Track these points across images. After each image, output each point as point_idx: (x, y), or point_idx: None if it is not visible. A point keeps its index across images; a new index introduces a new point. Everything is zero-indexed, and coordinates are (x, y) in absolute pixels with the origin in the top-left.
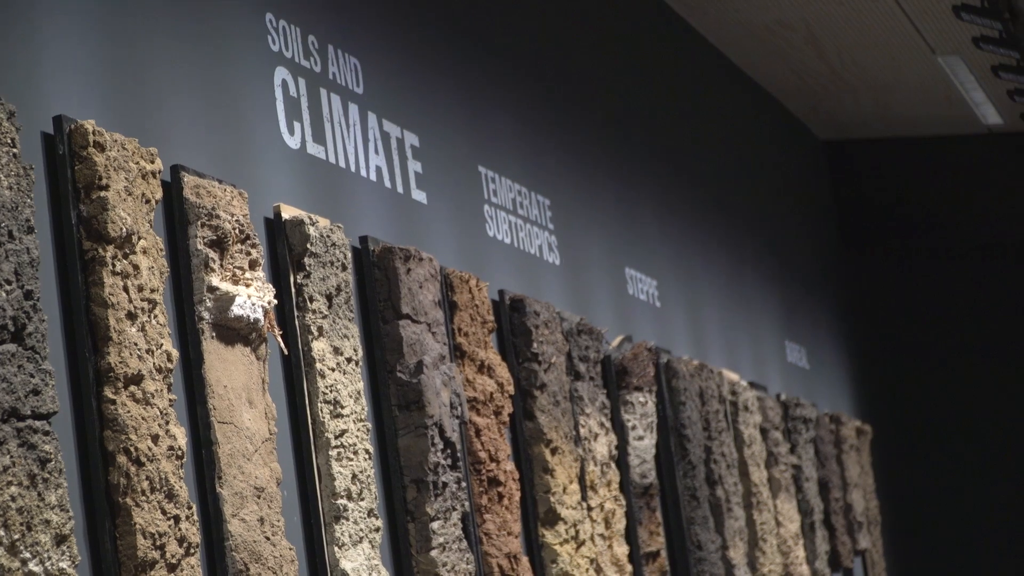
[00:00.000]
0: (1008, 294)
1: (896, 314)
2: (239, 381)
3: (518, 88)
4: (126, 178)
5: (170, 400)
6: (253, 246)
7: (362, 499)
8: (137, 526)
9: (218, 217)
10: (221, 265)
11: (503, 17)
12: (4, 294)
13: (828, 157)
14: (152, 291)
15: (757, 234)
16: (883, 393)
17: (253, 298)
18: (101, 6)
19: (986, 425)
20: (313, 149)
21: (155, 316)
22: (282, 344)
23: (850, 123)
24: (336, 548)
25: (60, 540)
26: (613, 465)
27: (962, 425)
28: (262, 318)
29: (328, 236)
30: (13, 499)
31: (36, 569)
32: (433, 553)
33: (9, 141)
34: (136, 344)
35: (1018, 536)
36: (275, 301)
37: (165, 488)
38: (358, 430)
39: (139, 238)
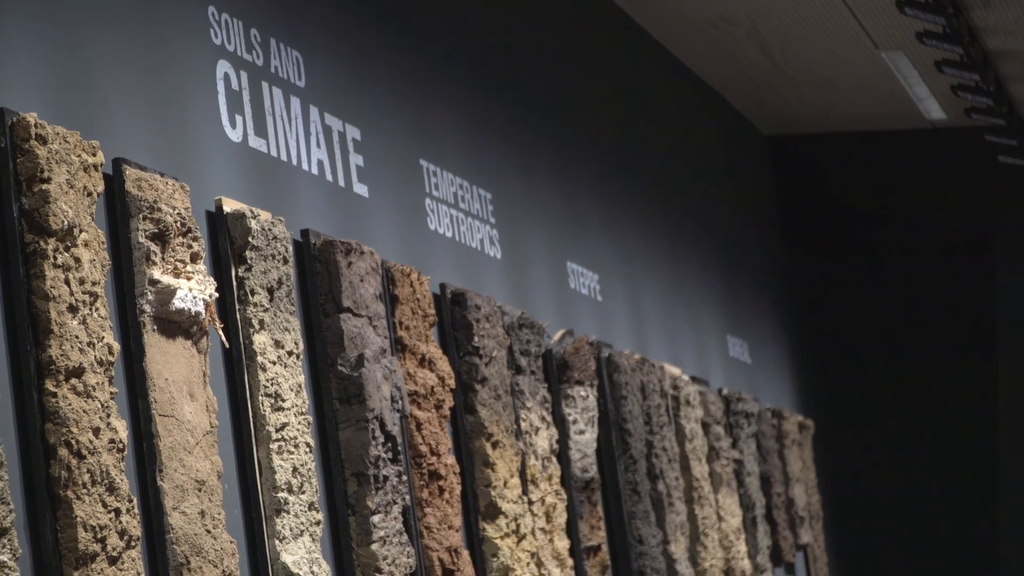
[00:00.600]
0: (950, 290)
1: (839, 309)
2: (180, 374)
3: (460, 82)
4: (68, 171)
5: (111, 393)
6: (195, 239)
7: (303, 492)
8: (78, 519)
9: (160, 210)
10: (162, 258)
11: (445, 11)
12: None
13: (771, 152)
14: (93, 284)
15: (700, 229)
16: (825, 388)
17: (194, 291)
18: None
19: (928, 420)
20: (255, 142)
21: (96, 309)
22: (223, 337)
23: (793, 118)
24: (277, 541)
25: (1, 533)
26: (554, 459)
27: (904, 420)
28: (203, 311)
29: (269, 229)
30: None
31: None
32: (374, 547)
33: None
34: (77, 337)
35: (958, 530)
36: (216, 294)
37: (106, 481)
38: (299, 423)
39: (81, 231)
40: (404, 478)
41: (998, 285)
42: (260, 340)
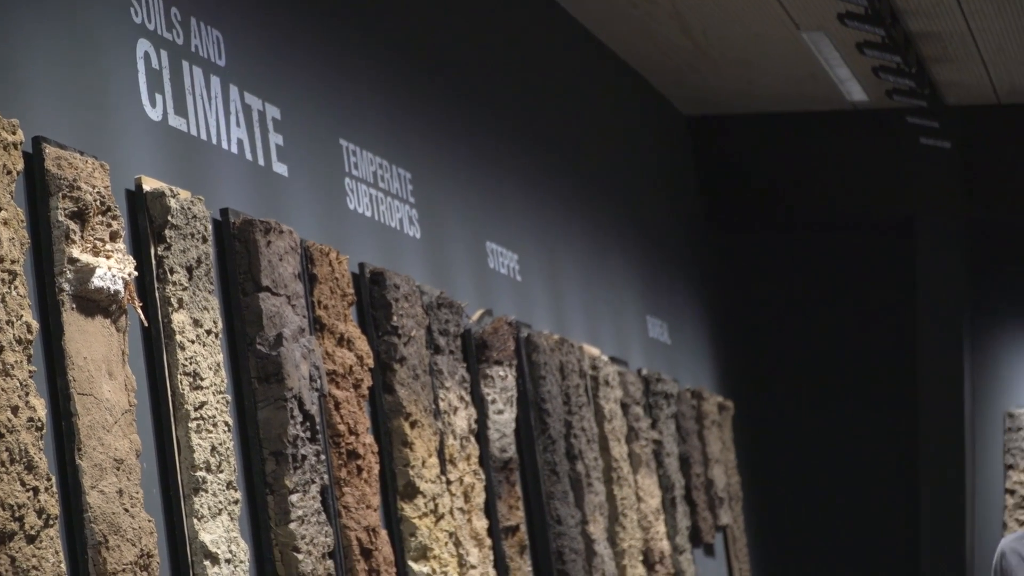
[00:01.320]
0: (871, 270)
1: (760, 289)
2: (99, 353)
3: (380, 61)
4: None
5: (30, 371)
6: (114, 218)
7: (221, 471)
8: None
9: (79, 189)
10: (82, 237)
11: None
12: None
13: (692, 133)
14: (12, 262)
15: (620, 209)
16: (745, 369)
17: (113, 270)
18: None
19: (847, 400)
20: (175, 121)
21: (15, 288)
22: (142, 316)
23: (714, 99)
24: (195, 520)
25: None
26: (472, 439)
27: (824, 401)
28: (122, 290)
29: (189, 208)
30: None
31: None
32: (292, 526)
33: None
34: None
35: (878, 510)
36: (135, 273)
37: (24, 459)
38: (217, 402)
39: (0, 209)
40: (322, 457)
41: (918, 266)
42: (179, 319)
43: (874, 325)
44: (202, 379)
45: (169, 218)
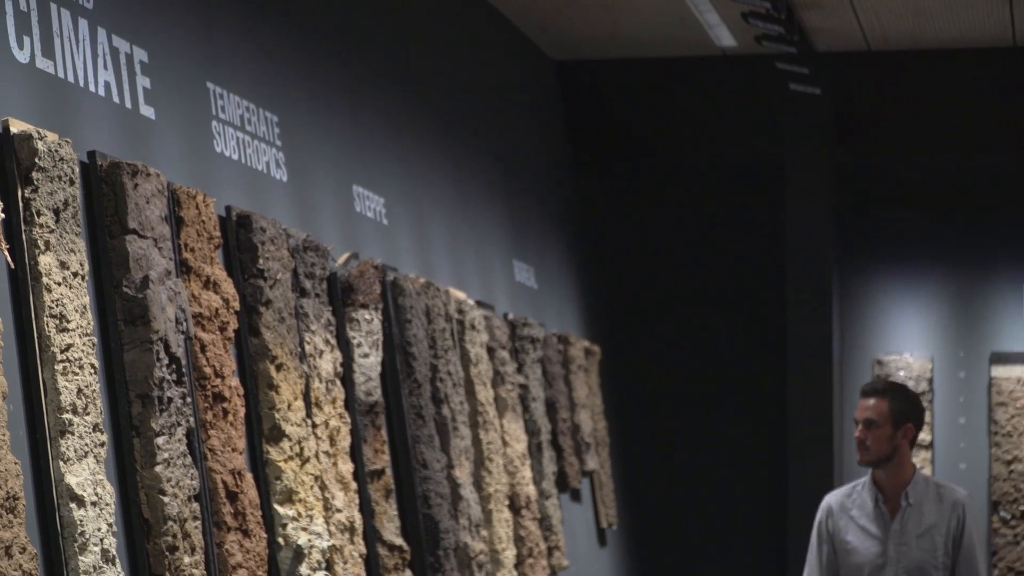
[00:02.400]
0: (740, 217)
1: (627, 235)
2: None
3: (247, 4)
4: None
5: None
6: None
7: (87, 414)
8: None
9: None
10: None
11: None
12: None
13: (560, 77)
14: None
15: (486, 154)
16: (613, 314)
17: None
18: None
19: (715, 346)
20: (42, 64)
21: None
22: (8, 258)
23: (582, 43)
24: (61, 463)
25: None
26: (338, 382)
27: (692, 348)
28: None
29: (56, 151)
30: None
31: None
32: (158, 468)
33: None
34: None
35: (744, 457)
36: (2, 215)
37: None
38: (84, 344)
39: None
40: (188, 400)
41: (787, 212)
42: (45, 261)
43: (743, 271)
44: (68, 321)
45: (36, 160)
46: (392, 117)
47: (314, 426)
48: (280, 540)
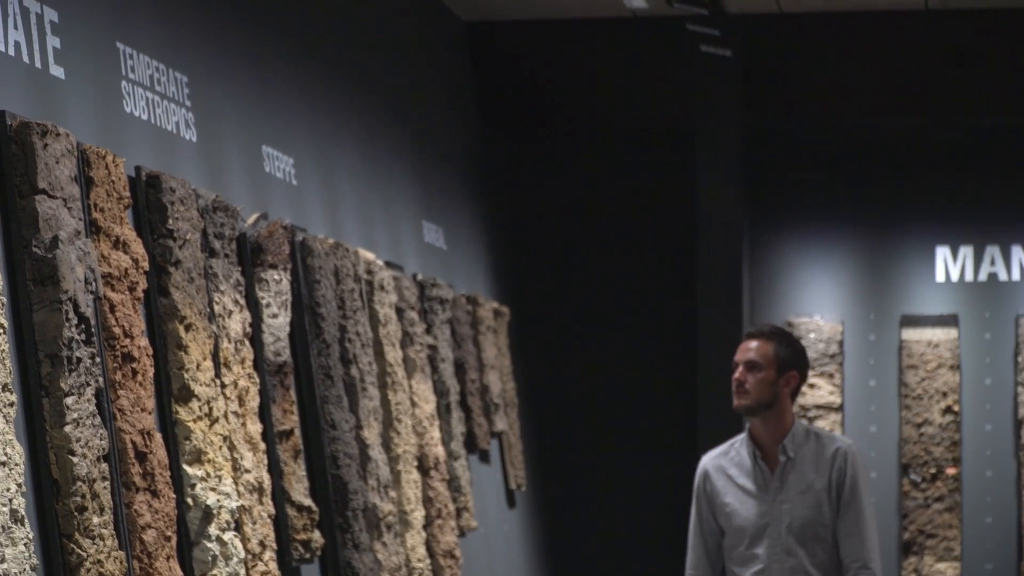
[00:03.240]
0: (647, 179)
1: (537, 197)
2: None
3: None
4: None
5: None
6: None
7: None
8: None
9: None
10: None
11: None
12: None
13: (470, 38)
14: None
15: (396, 115)
16: (522, 275)
17: None
18: None
19: (624, 307)
20: None
21: None
22: None
23: (492, 4)
24: None
25: None
26: (247, 343)
27: (601, 310)
28: None
29: None
30: None
31: None
32: (67, 429)
33: None
34: None
35: (654, 421)
36: None
37: None
38: None
39: None
40: (97, 360)
41: (698, 175)
42: None
43: (653, 234)
44: None
45: None
46: (301, 78)
47: (223, 386)
48: (189, 500)
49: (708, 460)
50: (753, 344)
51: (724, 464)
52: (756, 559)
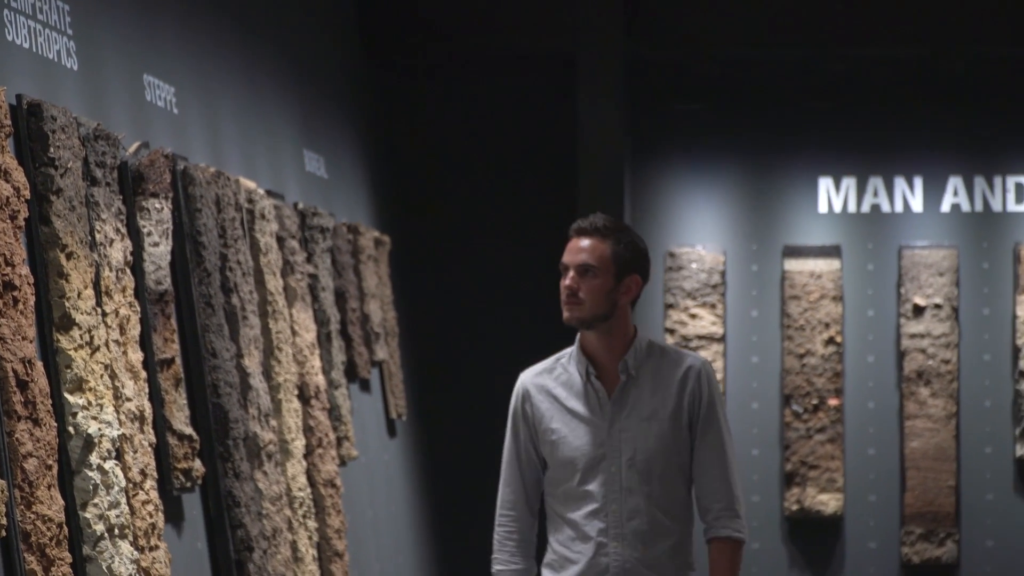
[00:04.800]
0: (529, 108)
1: (417, 125)
2: None
3: None
4: None
5: None
6: None
7: None
8: None
9: None
10: None
11: None
12: None
13: None
14: None
15: (278, 44)
16: (402, 204)
17: None
18: None
19: (504, 238)
20: None
21: None
22: None
23: None
24: None
25: None
26: (128, 271)
27: (481, 238)
28: None
29: None
30: None
31: None
32: None
33: None
34: None
35: (533, 347)
36: None
37: None
38: None
39: None
40: None
41: (579, 104)
42: None
43: (534, 163)
44: None
45: None
46: (183, 6)
47: (104, 315)
48: (70, 429)
49: (528, 378)
50: (585, 243)
51: (548, 383)
52: (589, 498)
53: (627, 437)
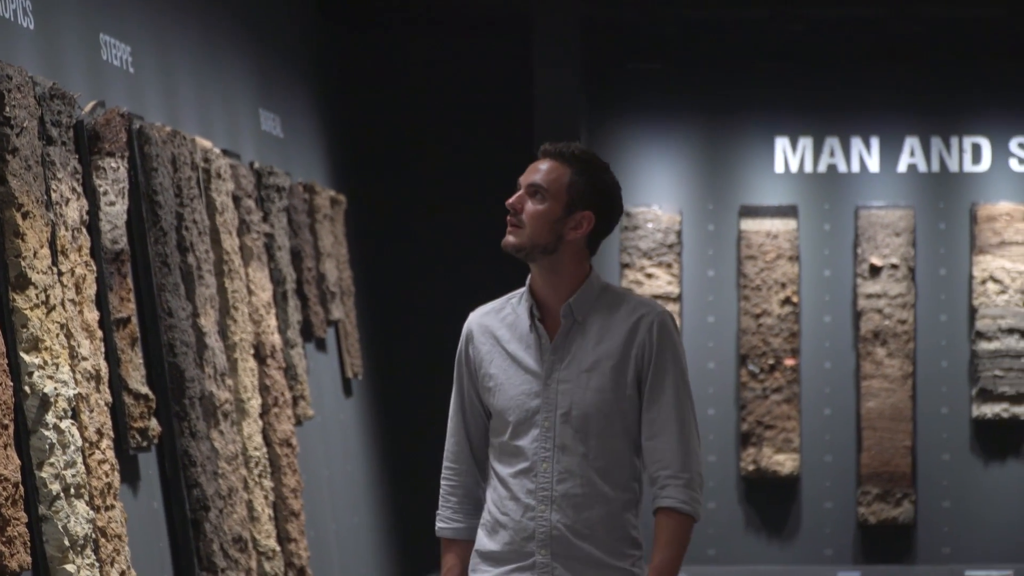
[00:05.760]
0: (484, 68)
1: (374, 86)
2: None
3: None
4: None
5: None
6: None
7: None
8: None
9: None
10: None
11: None
12: None
13: None
14: None
15: (232, 2)
16: (358, 164)
17: None
18: None
19: (460, 199)
20: None
21: None
22: None
23: None
24: None
25: None
26: (84, 230)
27: (436, 198)
28: None
29: None
30: None
31: None
32: None
33: None
34: None
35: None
36: None
37: None
38: None
39: None
40: None
41: (535, 65)
42: None
43: (490, 123)
44: None
45: None
46: None
47: (60, 274)
48: (27, 388)
49: (475, 318)
50: (544, 165)
51: (494, 324)
52: (520, 455)
53: (565, 389)
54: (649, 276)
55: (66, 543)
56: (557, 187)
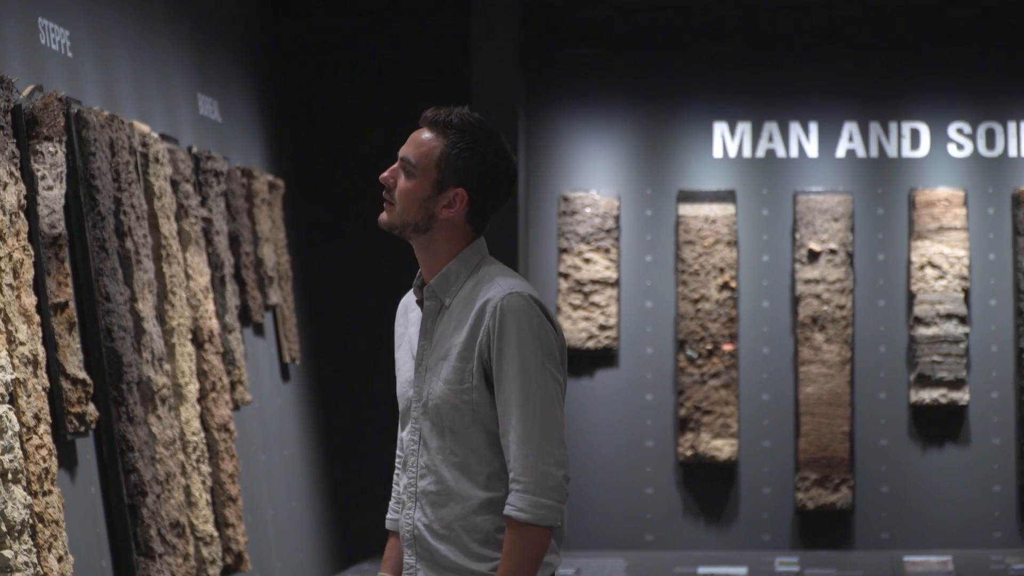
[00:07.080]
0: (422, 53)
1: (311, 70)
2: None
3: None
4: None
5: None
6: None
7: None
8: None
9: None
10: None
11: None
12: None
13: None
14: None
15: None
16: (296, 148)
17: None
18: None
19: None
20: None
21: None
22: None
23: None
24: None
25: None
26: (22, 215)
27: (372, 181)
28: None
29: None
30: None
31: None
32: None
33: None
34: None
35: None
36: None
37: None
38: None
39: None
40: None
41: (472, 50)
42: None
43: (428, 108)
44: None
45: None
46: None
47: None
48: None
49: (405, 297)
50: (422, 137)
51: (412, 304)
52: (401, 447)
53: (427, 378)
54: (587, 261)
55: (3, 528)
56: (426, 163)
